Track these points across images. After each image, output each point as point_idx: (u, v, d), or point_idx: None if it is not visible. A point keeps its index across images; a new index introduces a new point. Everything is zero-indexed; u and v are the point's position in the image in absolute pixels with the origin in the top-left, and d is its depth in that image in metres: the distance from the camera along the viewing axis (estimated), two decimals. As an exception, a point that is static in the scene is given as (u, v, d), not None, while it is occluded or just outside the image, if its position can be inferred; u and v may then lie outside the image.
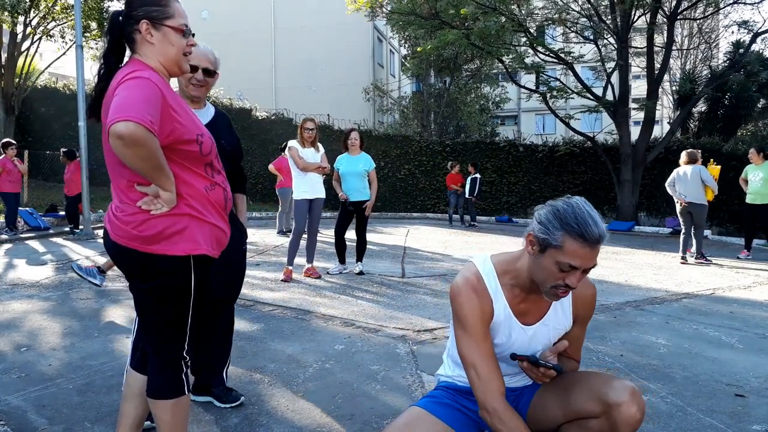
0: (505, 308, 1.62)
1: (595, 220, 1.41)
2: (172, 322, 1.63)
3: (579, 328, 1.72)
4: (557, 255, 1.43)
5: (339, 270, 6.04)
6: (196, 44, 1.78)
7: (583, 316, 1.71)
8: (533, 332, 1.66)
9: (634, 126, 14.37)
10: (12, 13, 13.01)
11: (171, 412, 1.66)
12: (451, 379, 1.77)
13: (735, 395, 2.75)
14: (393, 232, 11.09)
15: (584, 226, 1.39)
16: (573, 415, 1.54)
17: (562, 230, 1.42)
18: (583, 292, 1.67)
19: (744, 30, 13.93)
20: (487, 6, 12.79)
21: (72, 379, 2.84)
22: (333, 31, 24.73)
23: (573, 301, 1.67)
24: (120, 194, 1.59)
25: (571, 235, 1.41)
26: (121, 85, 1.49)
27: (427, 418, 1.59)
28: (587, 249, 1.40)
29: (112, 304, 4.51)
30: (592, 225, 1.40)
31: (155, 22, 1.60)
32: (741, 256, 8.05)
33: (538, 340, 1.66)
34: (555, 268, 1.45)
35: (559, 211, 1.44)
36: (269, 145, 16.21)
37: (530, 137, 17.88)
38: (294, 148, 5.54)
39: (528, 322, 1.64)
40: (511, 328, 1.64)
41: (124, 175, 1.57)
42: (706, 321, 4.25)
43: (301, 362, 3.16)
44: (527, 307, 1.63)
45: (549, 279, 1.48)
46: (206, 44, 2.47)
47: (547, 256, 1.46)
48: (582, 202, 1.45)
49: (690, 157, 7.52)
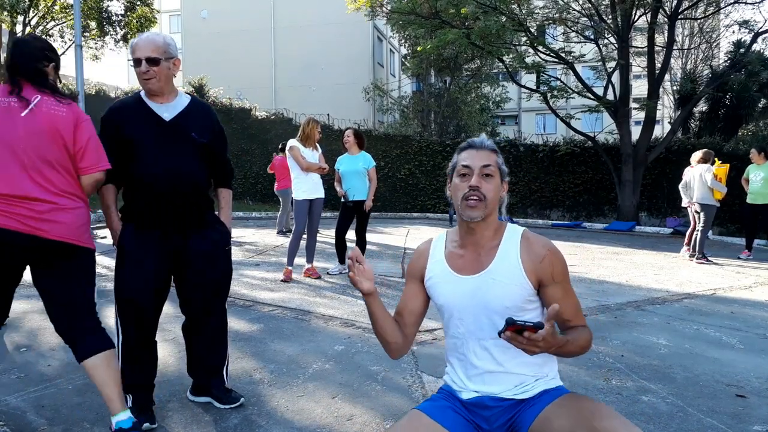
0: (440, 262, 1.73)
1: (480, 136, 1.72)
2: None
3: (556, 288, 1.63)
4: (456, 170, 1.68)
5: (339, 270, 6.03)
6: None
7: (547, 272, 1.63)
8: (475, 283, 1.64)
9: (634, 126, 14.35)
10: (11, 12, 13.00)
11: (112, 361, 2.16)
12: (453, 383, 1.76)
13: (736, 396, 2.74)
14: (393, 232, 11.08)
15: (468, 140, 1.71)
16: None
17: (456, 152, 1.72)
18: (529, 243, 1.65)
19: (745, 30, 13.90)
20: (487, 5, 12.78)
21: (71, 380, 2.83)
22: (333, 31, 24.72)
23: (520, 250, 1.63)
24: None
25: (460, 149, 1.71)
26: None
27: (428, 422, 1.58)
28: (473, 151, 1.66)
29: (112, 305, 4.48)
30: (475, 138, 1.71)
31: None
32: (742, 256, 8.04)
33: (490, 293, 1.61)
34: (458, 181, 1.65)
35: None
36: (269, 144, 16.19)
37: (531, 137, 17.86)
38: (296, 148, 5.52)
39: (467, 273, 1.67)
40: (447, 281, 1.69)
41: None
42: (707, 321, 4.24)
43: (301, 362, 3.15)
44: (464, 260, 1.69)
45: (459, 193, 1.64)
46: (161, 32, 2.45)
47: (453, 178, 1.68)
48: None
49: (703, 156, 7.48)
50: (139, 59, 2.27)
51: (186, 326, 2.60)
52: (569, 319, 1.65)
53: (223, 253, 2.50)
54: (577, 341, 1.58)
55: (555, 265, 1.63)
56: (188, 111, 2.43)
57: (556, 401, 1.58)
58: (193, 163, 2.39)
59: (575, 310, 1.67)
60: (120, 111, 2.37)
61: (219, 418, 2.42)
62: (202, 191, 2.45)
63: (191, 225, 2.39)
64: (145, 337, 2.42)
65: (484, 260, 1.66)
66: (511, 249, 1.65)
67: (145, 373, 2.43)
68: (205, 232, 2.43)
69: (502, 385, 1.65)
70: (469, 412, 1.67)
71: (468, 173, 1.63)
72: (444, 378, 1.82)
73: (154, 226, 2.34)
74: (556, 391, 1.65)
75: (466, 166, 1.63)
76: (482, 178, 1.62)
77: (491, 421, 1.65)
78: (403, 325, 1.77)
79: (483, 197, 1.60)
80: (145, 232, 2.34)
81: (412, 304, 1.78)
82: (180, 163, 2.35)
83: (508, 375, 1.65)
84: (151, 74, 2.28)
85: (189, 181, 2.37)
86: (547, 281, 1.64)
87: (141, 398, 2.37)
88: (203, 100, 2.56)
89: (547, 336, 1.37)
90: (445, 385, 1.78)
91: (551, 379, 1.69)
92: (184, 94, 2.49)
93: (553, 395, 1.62)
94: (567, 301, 1.64)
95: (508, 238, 1.68)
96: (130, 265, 2.34)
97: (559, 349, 1.47)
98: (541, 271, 1.62)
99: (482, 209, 1.61)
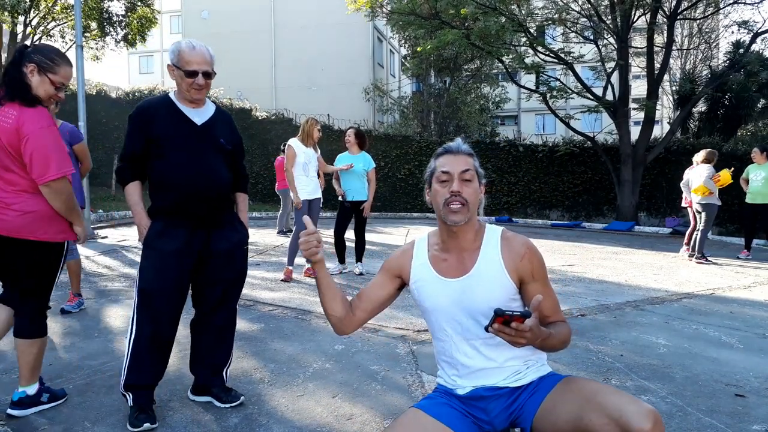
0: (425, 265, 1.75)
1: (455, 141, 1.73)
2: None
3: (536, 285, 1.67)
4: (435, 176, 1.69)
5: (338, 270, 6.04)
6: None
7: (527, 270, 1.66)
8: (461, 286, 1.67)
9: (634, 126, 14.37)
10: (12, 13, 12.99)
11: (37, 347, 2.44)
12: (446, 383, 1.77)
13: (735, 395, 2.75)
14: (393, 232, 11.09)
15: (444, 146, 1.72)
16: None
17: (434, 158, 1.74)
18: (509, 241, 1.69)
19: (744, 30, 13.92)
20: (487, 6, 12.79)
21: (72, 379, 2.84)
22: (333, 31, 24.73)
23: (501, 250, 1.67)
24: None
25: (437, 155, 1.73)
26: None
27: (426, 419, 1.59)
28: (451, 156, 1.68)
29: (112, 304, 4.51)
30: (451, 143, 1.72)
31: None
32: (741, 255, 8.05)
33: (476, 295, 1.64)
34: (438, 186, 1.67)
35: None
36: (269, 145, 16.21)
37: (530, 137, 17.87)
38: (292, 148, 5.53)
39: (452, 276, 1.70)
40: (433, 285, 1.71)
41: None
42: (706, 321, 4.25)
43: (302, 362, 3.16)
44: (448, 264, 1.72)
45: (440, 199, 1.66)
46: (202, 42, 2.45)
47: (433, 184, 1.70)
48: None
49: (707, 156, 7.49)
50: (196, 72, 2.36)
51: (194, 321, 2.62)
52: (548, 315, 1.68)
53: (240, 253, 2.58)
54: (559, 335, 1.61)
55: (534, 263, 1.68)
56: (215, 118, 2.53)
57: (557, 388, 1.60)
58: (222, 167, 2.50)
59: (554, 306, 1.71)
60: (149, 109, 2.44)
61: (219, 417, 2.43)
62: (227, 194, 2.58)
63: (215, 225, 2.48)
64: (159, 337, 2.41)
65: (467, 263, 1.70)
66: (492, 250, 1.69)
67: (150, 373, 2.41)
68: (225, 232, 2.52)
69: (496, 378, 1.68)
70: (467, 406, 1.69)
71: (448, 179, 1.66)
72: (437, 380, 1.83)
73: (182, 225, 2.40)
74: (551, 378, 1.68)
75: (445, 172, 1.66)
76: (462, 182, 1.65)
77: (489, 410, 1.67)
78: (356, 306, 1.80)
79: (465, 201, 1.64)
80: (171, 230, 2.39)
81: (375, 293, 1.81)
82: (211, 167, 2.44)
83: (501, 369, 1.68)
84: (204, 86, 2.40)
85: (218, 184, 2.47)
86: (527, 279, 1.67)
87: (142, 397, 2.37)
88: (225, 110, 2.66)
89: (533, 327, 1.40)
90: (440, 386, 1.80)
91: (541, 365, 1.73)
92: (210, 102, 2.59)
93: (550, 382, 1.65)
94: (547, 298, 1.66)
95: (489, 240, 1.71)
96: (155, 262, 2.38)
97: (543, 341, 1.50)
98: (522, 269, 1.67)
99: (465, 213, 1.64)
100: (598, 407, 1.42)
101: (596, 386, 1.54)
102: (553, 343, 1.57)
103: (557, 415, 1.53)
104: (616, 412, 1.38)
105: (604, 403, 1.42)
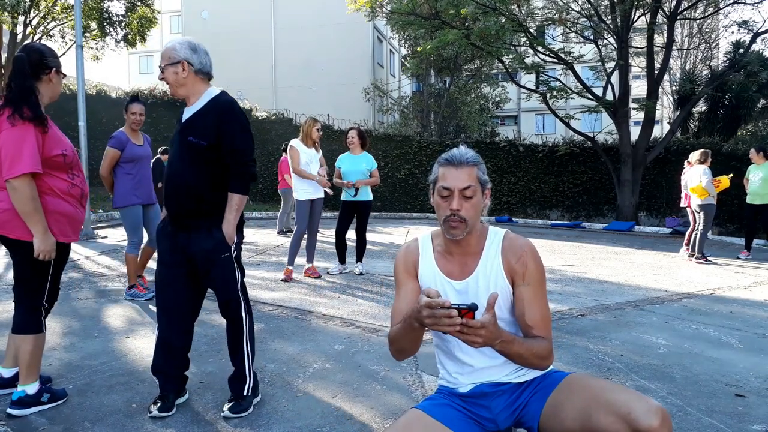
0: (430, 263, 1.74)
1: (460, 150, 1.65)
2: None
3: (526, 289, 1.62)
4: (437, 190, 1.65)
5: (339, 270, 6.03)
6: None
7: (519, 271, 1.63)
8: (463, 288, 1.68)
9: (634, 126, 14.37)
10: (12, 13, 13.00)
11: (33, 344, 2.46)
12: (448, 383, 1.77)
13: (735, 395, 2.75)
14: (393, 232, 11.09)
15: (448, 154, 1.64)
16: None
17: (437, 164, 1.67)
18: (510, 244, 1.67)
19: (744, 30, 13.91)
20: (487, 6, 12.78)
21: (72, 379, 2.84)
22: (333, 31, 24.73)
23: (501, 254, 1.67)
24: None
25: (440, 163, 1.66)
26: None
27: (427, 420, 1.59)
28: (452, 169, 1.62)
29: (112, 304, 4.51)
30: (455, 152, 1.64)
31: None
32: (741, 256, 8.06)
33: (477, 298, 1.64)
34: (440, 200, 1.64)
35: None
36: (269, 145, 16.21)
37: (530, 137, 17.86)
38: (295, 148, 5.54)
39: (455, 277, 1.70)
40: (438, 284, 1.71)
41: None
42: (706, 321, 4.25)
43: (301, 362, 3.16)
44: (453, 265, 1.72)
45: (440, 212, 1.64)
46: (183, 38, 2.46)
47: (435, 193, 1.66)
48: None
49: (700, 157, 7.51)
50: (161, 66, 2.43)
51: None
52: (532, 326, 1.60)
53: (222, 261, 2.39)
54: (531, 347, 1.52)
55: (528, 265, 1.63)
56: (201, 113, 2.38)
57: (562, 386, 1.59)
58: (190, 167, 2.36)
59: (541, 317, 1.61)
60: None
61: (219, 417, 2.43)
62: (198, 196, 2.36)
63: (191, 228, 2.41)
64: (173, 328, 2.50)
65: (470, 265, 1.70)
66: (493, 253, 1.69)
67: (172, 361, 2.51)
68: (201, 237, 2.38)
69: (499, 374, 1.69)
70: (469, 405, 1.69)
71: (449, 194, 1.62)
72: (438, 382, 1.83)
73: (170, 224, 2.49)
74: (554, 375, 1.67)
75: (446, 188, 1.62)
76: (462, 199, 1.61)
77: (492, 407, 1.67)
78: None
79: (464, 219, 1.62)
80: (166, 229, 2.50)
81: (409, 303, 1.72)
82: (176, 168, 2.43)
83: (503, 366, 1.68)
84: (166, 80, 2.41)
85: (183, 185, 2.38)
86: (518, 280, 1.64)
87: (163, 382, 2.49)
88: (229, 97, 2.45)
89: (487, 324, 1.34)
90: (441, 387, 1.80)
91: None
92: (212, 94, 2.43)
93: (553, 379, 1.64)
94: (534, 305, 1.61)
95: (491, 243, 1.71)
96: (159, 258, 2.55)
97: (504, 344, 1.44)
98: (515, 269, 1.64)
99: (463, 229, 1.63)
100: (606, 405, 1.41)
101: (602, 384, 1.53)
102: (519, 351, 1.48)
103: (564, 414, 1.52)
104: (624, 409, 1.37)
105: (612, 400, 1.41)
